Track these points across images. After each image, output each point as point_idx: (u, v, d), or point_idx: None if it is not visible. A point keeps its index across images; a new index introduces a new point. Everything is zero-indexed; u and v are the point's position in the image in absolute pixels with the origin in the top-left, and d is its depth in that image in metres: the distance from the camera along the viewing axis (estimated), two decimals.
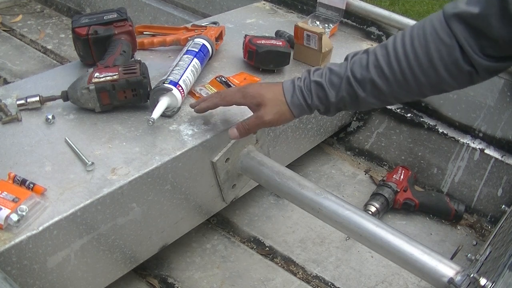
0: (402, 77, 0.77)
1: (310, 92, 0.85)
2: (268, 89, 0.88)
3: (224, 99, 0.91)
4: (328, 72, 0.84)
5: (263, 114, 0.87)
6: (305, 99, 0.86)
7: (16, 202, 0.75)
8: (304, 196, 0.99)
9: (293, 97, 0.86)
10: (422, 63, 0.75)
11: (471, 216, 1.34)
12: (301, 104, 0.86)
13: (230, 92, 0.92)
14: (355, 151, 1.53)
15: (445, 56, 0.74)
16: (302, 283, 1.12)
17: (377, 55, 0.79)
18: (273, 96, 0.86)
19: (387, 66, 0.78)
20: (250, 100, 0.88)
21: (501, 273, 0.71)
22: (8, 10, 2.18)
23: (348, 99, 0.83)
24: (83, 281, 0.87)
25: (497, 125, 1.29)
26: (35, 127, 0.94)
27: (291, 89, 0.86)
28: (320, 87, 0.84)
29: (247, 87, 0.90)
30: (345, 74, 0.82)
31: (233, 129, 0.91)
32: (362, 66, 0.80)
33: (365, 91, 0.81)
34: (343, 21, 1.48)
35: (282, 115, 0.87)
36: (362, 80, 0.80)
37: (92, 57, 1.09)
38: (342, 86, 0.82)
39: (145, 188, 0.89)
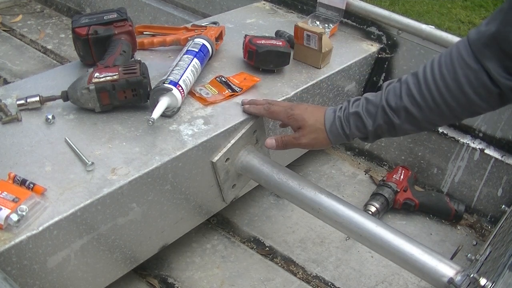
0: (434, 104, 0.81)
1: (348, 122, 0.90)
2: (311, 114, 0.94)
3: (271, 113, 1.00)
4: (365, 102, 0.89)
5: (300, 137, 0.94)
6: (344, 129, 0.91)
7: (16, 202, 0.75)
8: (304, 196, 0.99)
9: (332, 127, 0.92)
10: (452, 89, 0.79)
11: (471, 216, 1.34)
12: (339, 134, 0.91)
13: (278, 109, 0.98)
14: (355, 151, 1.53)
15: (473, 81, 0.77)
16: (302, 283, 1.12)
17: (409, 84, 0.83)
18: (314, 123, 0.93)
19: (418, 94, 0.82)
20: (293, 122, 0.95)
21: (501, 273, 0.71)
22: (8, 10, 2.18)
23: (385, 127, 0.87)
24: (83, 281, 0.87)
25: (497, 125, 1.29)
26: (35, 127, 0.94)
27: (331, 119, 0.92)
28: (358, 117, 0.89)
29: (294, 109, 0.96)
30: (380, 103, 0.86)
31: (272, 140, 0.99)
32: (396, 95, 0.84)
33: (400, 118, 0.85)
34: (343, 21, 1.48)
35: (319, 141, 0.94)
36: (396, 109, 0.84)
37: (92, 57, 1.09)
38: (378, 115, 0.86)
39: (145, 188, 0.89)
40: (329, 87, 1.28)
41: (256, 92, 1.13)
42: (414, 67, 1.39)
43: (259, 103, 1.02)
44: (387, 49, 1.42)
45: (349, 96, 1.41)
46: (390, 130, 0.88)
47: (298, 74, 1.22)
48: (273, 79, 1.19)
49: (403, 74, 1.41)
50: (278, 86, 1.16)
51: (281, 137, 0.98)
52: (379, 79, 1.46)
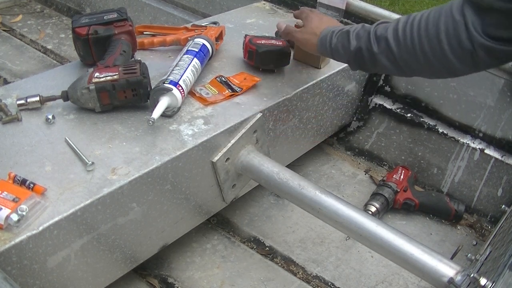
0: (411, 42, 0.84)
1: (337, 38, 0.97)
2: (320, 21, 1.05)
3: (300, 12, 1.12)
4: (361, 26, 0.94)
5: (298, 31, 1.08)
6: (331, 42, 0.98)
7: (16, 202, 0.75)
8: (304, 196, 0.99)
9: (324, 37, 1.00)
10: (429, 33, 0.81)
11: (471, 216, 1.34)
12: (325, 45, 1.00)
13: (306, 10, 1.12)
14: (355, 151, 1.53)
15: (450, 30, 0.78)
16: (302, 283, 1.12)
17: (400, 20, 0.87)
18: (315, 27, 1.03)
19: (401, 30, 0.85)
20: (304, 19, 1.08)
21: (501, 273, 0.71)
22: (8, 10, 2.18)
23: (366, 53, 0.92)
24: (83, 281, 0.87)
25: (497, 125, 1.29)
26: (35, 127, 0.94)
27: (327, 31, 1.00)
28: (346, 35, 0.95)
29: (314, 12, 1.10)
30: (369, 29, 0.92)
31: (282, 23, 1.15)
32: (385, 27, 0.89)
33: (379, 47, 0.89)
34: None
35: (308, 43, 1.05)
36: (379, 37, 0.89)
37: (92, 57, 1.09)
38: (363, 38, 0.92)
39: (145, 188, 0.89)
40: (329, 87, 1.28)
41: (256, 92, 1.13)
42: None
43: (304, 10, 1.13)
44: None
45: (349, 96, 1.41)
46: (369, 58, 0.92)
47: (298, 74, 1.22)
48: (273, 79, 1.19)
49: None
50: (278, 86, 1.16)
51: (288, 26, 1.13)
52: (379, 79, 1.46)
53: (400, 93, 1.45)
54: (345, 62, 1.00)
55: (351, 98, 1.43)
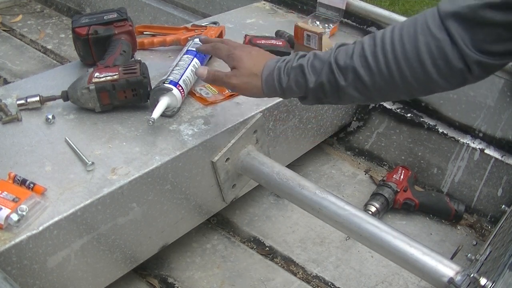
0: (387, 69, 0.73)
1: (288, 75, 0.81)
2: (251, 58, 0.86)
3: (215, 50, 0.92)
4: (312, 57, 0.80)
5: (232, 76, 0.87)
6: (280, 82, 0.82)
7: (16, 202, 0.75)
8: (304, 196, 0.99)
9: (269, 76, 0.83)
10: (409, 56, 0.71)
11: (471, 216, 1.34)
12: (274, 86, 0.83)
13: (223, 46, 0.90)
14: (355, 151, 1.53)
15: (434, 50, 0.69)
16: (302, 283, 1.12)
17: (364, 44, 0.75)
18: (251, 67, 0.85)
19: (372, 56, 0.74)
20: (230, 61, 0.88)
21: (501, 273, 0.71)
22: (8, 10, 2.18)
23: (328, 87, 0.78)
24: (83, 281, 0.87)
25: (497, 125, 1.29)
26: (35, 127, 0.94)
27: (271, 68, 0.84)
28: (300, 71, 0.80)
29: (237, 48, 0.88)
30: (328, 59, 0.78)
31: (205, 69, 0.91)
32: (347, 54, 0.76)
33: (347, 80, 0.76)
34: (343, 21, 1.48)
35: (251, 88, 0.86)
36: (345, 68, 0.76)
37: (92, 57, 1.09)
38: (323, 72, 0.78)
39: (145, 188, 0.89)
40: None
41: None
42: None
43: (211, 41, 0.95)
44: None
45: None
46: (333, 92, 0.79)
47: None
48: None
49: None
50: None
51: (213, 71, 0.90)
52: None
53: None
54: (299, 99, 0.86)
55: None
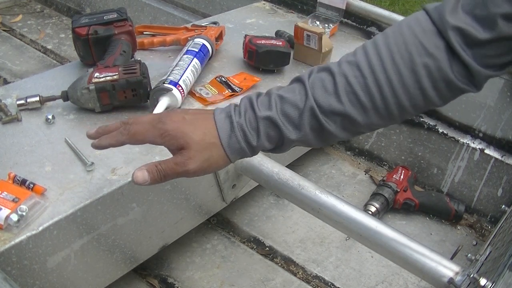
0: (384, 104, 0.62)
1: (256, 131, 0.64)
2: (194, 126, 0.64)
3: (133, 136, 0.66)
4: (279, 101, 0.64)
5: (186, 161, 0.63)
6: (248, 141, 0.64)
7: (16, 202, 0.75)
8: (304, 196, 0.99)
9: (231, 139, 0.64)
10: (407, 84, 0.61)
11: (471, 216, 1.34)
12: (242, 148, 0.64)
13: (142, 127, 0.65)
14: (355, 151, 1.53)
15: (434, 72, 0.60)
16: (302, 283, 1.12)
17: (347, 77, 0.62)
18: (202, 138, 0.63)
19: (363, 92, 0.61)
20: (170, 141, 0.64)
21: (501, 273, 0.70)
22: (8, 10, 2.18)
23: (312, 135, 0.65)
24: (83, 281, 0.87)
25: (497, 125, 1.29)
26: (35, 127, 0.94)
27: (228, 128, 0.64)
28: (271, 124, 0.64)
29: (165, 121, 0.64)
30: (306, 104, 0.63)
31: (142, 171, 0.64)
32: (328, 92, 0.62)
33: (335, 123, 0.63)
34: (343, 21, 1.48)
35: (214, 162, 0.64)
36: (331, 112, 0.63)
37: (92, 57, 1.09)
38: (304, 120, 0.63)
39: (145, 188, 0.89)
40: None
41: None
42: None
43: (113, 128, 0.69)
44: None
45: None
46: (316, 138, 0.66)
47: (298, 74, 1.22)
48: (273, 79, 1.19)
49: None
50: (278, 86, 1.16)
51: (155, 166, 0.64)
52: None
53: None
54: (272, 152, 0.69)
55: None
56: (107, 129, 0.69)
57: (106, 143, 0.68)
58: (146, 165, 0.64)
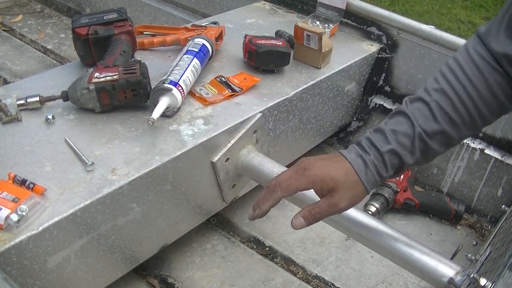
0: (470, 119, 0.73)
1: (384, 164, 0.75)
2: (336, 169, 0.74)
3: (287, 189, 0.76)
4: (393, 134, 0.75)
5: (338, 201, 0.74)
6: (380, 173, 0.75)
7: (16, 202, 0.75)
8: (304, 196, 0.99)
9: (368, 175, 0.74)
10: (486, 99, 0.72)
11: (471, 216, 1.34)
12: (376, 180, 0.75)
13: (292, 180, 0.76)
14: None
15: (504, 86, 0.71)
16: (302, 283, 1.12)
17: (438, 102, 0.74)
18: (346, 178, 0.74)
19: (454, 112, 0.73)
20: (320, 185, 0.74)
21: (501, 273, 0.70)
22: (8, 10, 2.18)
23: (421, 157, 0.76)
24: (83, 281, 0.87)
25: (497, 125, 1.29)
26: (35, 127, 0.94)
27: (362, 166, 0.74)
28: (394, 155, 0.74)
29: (310, 169, 0.75)
30: (415, 131, 0.74)
31: (299, 219, 0.76)
32: (428, 118, 0.74)
33: (437, 142, 0.75)
34: (343, 21, 1.48)
35: (357, 197, 0.75)
36: (433, 134, 0.74)
37: (92, 57, 1.09)
38: (416, 145, 0.74)
39: (145, 188, 0.89)
40: (329, 87, 1.28)
41: (256, 92, 1.13)
42: (414, 67, 1.39)
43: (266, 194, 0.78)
44: (387, 49, 1.42)
45: (349, 96, 1.41)
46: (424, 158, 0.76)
47: (298, 74, 1.22)
48: (273, 79, 1.19)
49: (403, 74, 1.42)
50: (278, 86, 1.16)
51: (309, 211, 0.75)
52: (379, 79, 1.46)
53: (400, 93, 1.45)
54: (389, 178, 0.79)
55: (351, 98, 1.43)
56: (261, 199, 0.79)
57: (267, 206, 0.78)
58: (301, 212, 0.76)
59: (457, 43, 1.28)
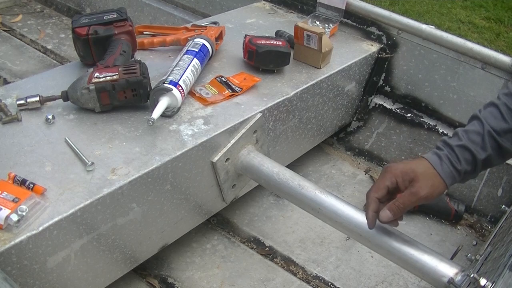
0: None
1: (457, 158, 0.83)
2: (415, 163, 0.84)
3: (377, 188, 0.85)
4: (465, 133, 0.84)
5: (418, 189, 0.81)
6: (454, 166, 0.83)
7: (16, 202, 0.75)
8: (304, 196, 0.99)
9: (443, 166, 0.83)
10: None
11: (471, 216, 1.34)
12: (452, 172, 0.83)
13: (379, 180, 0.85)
14: (355, 151, 1.53)
15: None
16: (302, 283, 1.12)
17: (507, 104, 0.83)
18: (425, 170, 0.83)
19: None
20: (403, 177, 0.83)
21: (501, 273, 0.70)
22: (8, 10, 2.18)
23: (494, 154, 0.83)
24: (83, 281, 0.87)
25: None
26: (35, 127, 0.94)
27: (437, 160, 0.83)
28: (464, 149, 0.83)
29: (391, 167, 0.85)
30: (484, 129, 0.82)
31: (385, 212, 0.83)
32: (497, 118, 0.83)
33: (508, 140, 0.82)
34: (343, 21, 1.48)
35: (436, 188, 0.83)
36: (502, 131, 0.82)
37: (92, 57, 1.09)
38: (486, 142, 0.82)
39: (145, 188, 0.89)
40: (329, 87, 1.28)
41: (256, 92, 1.13)
42: (414, 67, 1.39)
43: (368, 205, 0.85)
44: (387, 49, 1.42)
45: (349, 96, 1.41)
46: (498, 156, 0.83)
47: (298, 74, 1.22)
48: (273, 79, 1.19)
49: (403, 74, 1.42)
50: (278, 86, 1.16)
51: (394, 204, 0.83)
52: (379, 79, 1.46)
53: (400, 93, 1.45)
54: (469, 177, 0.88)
55: (351, 98, 1.43)
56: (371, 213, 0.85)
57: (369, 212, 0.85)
58: (387, 205, 0.83)
59: (457, 43, 1.28)
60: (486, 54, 1.26)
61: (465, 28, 3.17)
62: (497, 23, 3.21)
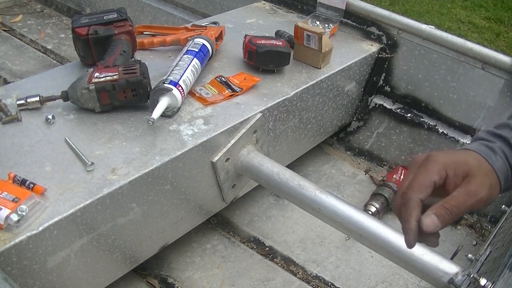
0: None
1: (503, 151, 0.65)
2: (464, 154, 0.63)
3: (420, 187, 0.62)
4: None
5: (477, 189, 0.59)
6: (510, 163, 0.65)
7: (16, 202, 0.75)
8: (304, 196, 0.99)
9: (498, 161, 0.63)
10: None
11: (471, 216, 1.34)
12: (507, 170, 0.64)
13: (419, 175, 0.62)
14: (355, 151, 1.53)
15: None
16: (302, 283, 1.12)
17: None
18: (479, 164, 0.61)
19: None
20: (455, 169, 0.60)
21: (501, 273, 0.70)
22: (8, 10, 2.18)
23: None
24: (83, 281, 0.87)
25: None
26: (35, 127, 0.94)
27: (491, 152, 0.64)
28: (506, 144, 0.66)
29: (433, 157, 0.62)
30: None
31: (431, 217, 0.61)
32: None
33: None
34: (343, 21, 1.48)
35: (494, 189, 0.62)
36: None
37: (92, 57, 1.09)
38: None
39: (145, 188, 0.89)
40: (329, 87, 1.28)
41: (256, 92, 1.13)
42: (414, 67, 1.39)
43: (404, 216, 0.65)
44: (387, 49, 1.42)
45: (349, 96, 1.41)
46: None
47: (298, 74, 1.22)
48: (273, 79, 1.19)
49: (403, 74, 1.42)
50: (278, 86, 1.16)
51: (443, 206, 0.60)
52: (379, 79, 1.46)
53: (400, 93, 1.45)
54: None
55: (351, 98, 1.43)
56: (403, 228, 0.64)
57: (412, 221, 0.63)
58: (432, 208, 0.60)
59: (457, 43, 1.28)
60: (486, 54, 1.26)
61: (465, 28, 3.17)
62: (497, 23, 3.21)
